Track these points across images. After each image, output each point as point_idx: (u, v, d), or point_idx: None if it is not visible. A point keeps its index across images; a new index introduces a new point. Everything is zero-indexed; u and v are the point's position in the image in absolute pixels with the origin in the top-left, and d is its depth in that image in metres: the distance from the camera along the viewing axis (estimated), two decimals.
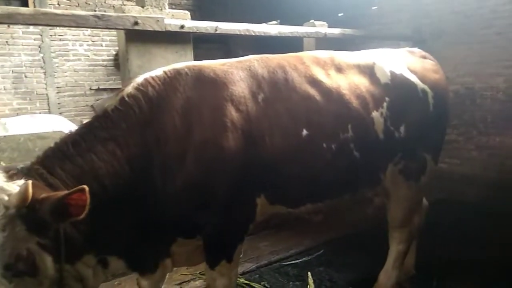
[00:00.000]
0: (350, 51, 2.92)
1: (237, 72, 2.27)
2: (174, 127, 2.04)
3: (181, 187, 2.02)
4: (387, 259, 3.03)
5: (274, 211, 2.37)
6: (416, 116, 2.72)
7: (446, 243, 3.88)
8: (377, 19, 6.33)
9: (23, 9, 2.98)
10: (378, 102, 2.58)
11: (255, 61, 2.37)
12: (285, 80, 2.33)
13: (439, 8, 5.59)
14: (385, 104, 2.59)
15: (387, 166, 2.70)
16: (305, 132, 2.27)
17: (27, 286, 1.64)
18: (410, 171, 2.77)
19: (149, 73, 2.14)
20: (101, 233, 1.85)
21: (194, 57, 3.67)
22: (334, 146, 2.35)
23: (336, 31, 4.80)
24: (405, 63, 2.84)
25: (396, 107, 2.63)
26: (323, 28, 4.73)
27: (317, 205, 2.51)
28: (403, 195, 2.82)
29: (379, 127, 2.56)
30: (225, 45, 8.61)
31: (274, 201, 2.30)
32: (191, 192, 2.05)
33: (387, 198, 2.89)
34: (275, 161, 2.20)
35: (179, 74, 2.16)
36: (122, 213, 1.94)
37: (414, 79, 2.77)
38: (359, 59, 2.71)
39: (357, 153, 2.45)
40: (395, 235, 2.98)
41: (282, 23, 6.45)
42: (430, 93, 2.81)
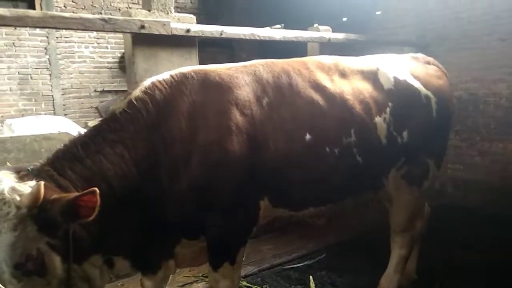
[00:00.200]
0: (354, 55, 2.94)
1: (242, 76, 2.30)
2: (180, 129, 2.07)
3: (186, 188, 2.05)
4: (389, 263, 3.04)
5: (277, 214, 2.40)
6: (419, 121, 2.74)
7: (448, 248, 3.89)
8: (381, 24, 6.36)
9: (32, 12, 3.03)
10: (381, 108, 2.60)
11: (260, 65, 2.41)
12: (290, 84, 2.36)
13: (443, 14, 5.61)
14: (388, 110, 2.62)
15: (389, 171, 2.73)
16: (308, 136, 2.30)
17: (35, 285, 1.67)
18: (413, 176, 2.79)
19: (156, 77, 2.18)
20: (108, 233, 1.88)
21: (200, 60, 3.71)
22: (337, 151, 2.38)
23: (340, 36, 4.83)
24: (408, 69, 2.86)
25: (399, 113, 2.65)
26: (327, 33, 4.76)
27: (320, 208, 2.54)
28: (405, 200, 2.84)
29: (382, 132, 2.59)
30: (229, 48, 8.67)
31: (277, 204, 2.33)
32: (195, 194, 2.08)
33: (390, 203, 2.92)
34: (278, 164, 2.22)
35: (185, 78, 2.20)
36: (128, 214, 1.97)
37: (417, 85, 2.79)
38: (362, 64, 2.74)
39: (360, 158, 2.47)
40: (397, 239, 2.99)
41: (286, 27, 6.51)
42: (433, 99, 2.83)
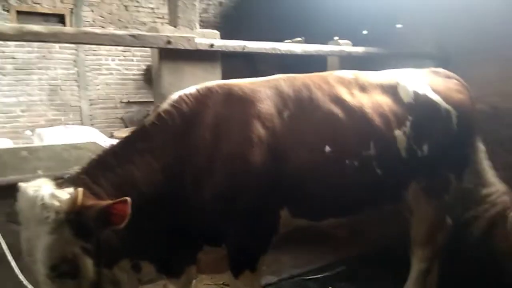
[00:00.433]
0: (375, 69, 2.99)
1: (264, 90, 2.39)
2: (204, 140, 2.17)
3: (208, 197, 2.14)
4: (409, 277, 3.03)
5: (297, 224, 2.45)
6: (439, 135, 2.75)
7: (471, 263, 3.82)
8: (402, 37, 6.35)
9: (66, 29, 3.24)
10: (401, 121, 2.64)
11: (282, 80, 2.49)
12: (310, 98, 2.44)
13: (464, 27, 5.58)
14: (408, 123, 2.65)
15: (409, 183, 2.75)
16: (328, 148, 2.36)
17: (67, 287, 1.77)
18: (433, 190, 2.80)
19: (183, 91, 2.30)
20: (137, 239, 1.98)
21: (222, 71, 3.82)
22: (356, 163, 2.43)
23: (360, 49, 4.87)
24: (428, 83, 2.89)
25: (419, 126, 2.68)
26: (347, 47, 4.82)
27: (340, 219, 2.58)
28: (426, 213, 2.84)
29: (402, 145, 2.62)
30: (251, 60, 8.84)
31: (297, 214, 2.38)
32: (217, 202, 2.16)
33: (410, 216, 2.93)
34: (298, 175, 2.29)
35: (210, 92, 2.31)
36: (156, 220, 2.07)
37: (437, 98, 2.81)
38: (382, 79, 2.79)
39: (379, 170, 2.51)
40: (417, 253, 2.99)
41: (307, 39, 6.58)
42: (454, 113, 2.84)
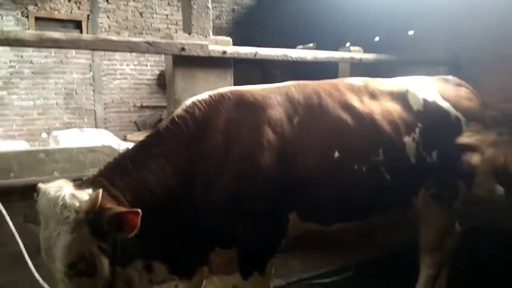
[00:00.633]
0: (386, 75, 3.02)
1: (275, 96, 2.45)
2: (215, 144, 2.24)
3: (219, 199, 2.20)
4: (417, 283, 3.04)
5: (306, 228, 2.49)
6: (448, 142, 2.76)
7: (482, 269, 3.81)
8: (413, 44, 6.37)
9: (85, 36, 3.35)
10: (410, 128, 2.67)
11: (292, 87, 2.55)
12: (320, 105, 2.49)
13: (476, 34, 5.57)
14: (417, 130, 2.68)
15: (419, 190, 2.76)
16: (337, 154, 2.40)
17: (83, 285, 1.84)
18: (443, 196, 2.81)
19: (196, 97, 2.38)
20: (151, 240, 2.04)
21: (234, 76, 3.89)
22: (365, 168, 2.46)
23: (371, 56, 4.91)
24: (438, 90, 2.92)
25: (428, 133, 2.70)
26: (358, 54, 4.86)
27: (348, 224, 2.61)
28: (435, 219, 2.85)
29: (411, 151, 2.65)
30: (263, 66, 8.93)
31: (305, 217, 2.42)
32: (227, 205, 2.22)
33: (419, 222, 2.94)
34: (307, 180, 2.33)
35: (222, 97, 2.37)
36: (169, 221, 2.14)
37: (447, 106, 2.84)
38: (392, 86, 2.83)
39: (388, 176, 2.54)
40: (425, 259, 3.00)
41: (319, 45, 6.63)
42: (463, 120, 2.86)
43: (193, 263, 2.33)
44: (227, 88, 2.50)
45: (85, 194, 1.83)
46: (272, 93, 2.46)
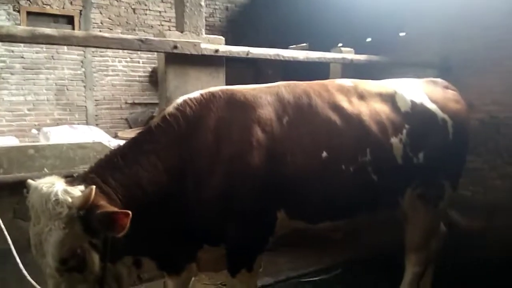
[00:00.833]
0: (377, 76, 3.06)
1: (265, 96, 2.48)
2: (206, 142, 2.26)
3: (208, 197, 2.22)
4: (403, 280, 3.10)
5: (294, 226, 2.53)
6: (435, 143, 2.83)
7: (466, 270, 3.88)
8: (405, 46, 6.44)
9: (77, 33, 3.35)
10: (398, 129, 2.72)
11: (283, 87, 2.58)
12: (309, 105, 2.53)
13: (466, 38, 5.66)
14: (404, 131, 2.73)
15: (405, 190, 2.82)
16: (325, 153, 2.44)
17: (73, 281, 1.86)
18: (429, 196, 2.87)
19: (188, 95, 2.40)
20: (141, 236, 2.04)
21: (226, 75, 3.92)
22: (352, 168, 2.51)
23: (362, 57, 4.96)
24: (426, 92, 2.97)
25: (415, 135, 2.75)
26: (349, 54, 4.91)
27: (336, 223, 2.65)
28: (420, 219, 2.91)
29: (398, 152, 2.69)
30: (256, 65, 8.95)
31: (293, 216, 2.46)
32: (216, 202, 2.24)
33: (405, 221, 3.00)
34: (295, 178, 2.37)
35: (213, 96, 2.40)
36: (159, 219, 2.16)
37: (434, 108, 2.89)
38: (381, 87, 2.87)
39: (375, 176, 2.58)
40: (411, 257, 3.05)
41: (312, 45, 6.67)
42: (450, 122, 2.92)
43: (181, 259, 2.36)
44: (218, 88, 2.53)
45: (77, 190, 1.84)
46: (263, 93, 2.49)
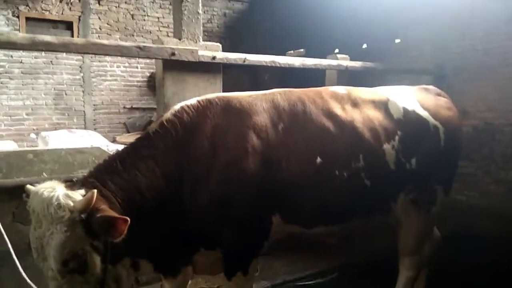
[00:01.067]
0: (372, 83, 3.12)
1: (261, 103, 2.54)
2: (202, 148, 2.32)
3: (205, 202, 2.27)
4: (396, 284, 3.15)
5: (289, 230, 2.58)
6: (427, 149, 2.88)
7: (461, 275, 3.93)
8: (399, 53, 6.54)
9: (76, 40, 3.41)
10: (390, 135, 2.77)
11: (278, 94, 2.64)
12: (304, 112, 2.58)
13: (460, 45, 5.76)
14: (397, 138, 2.78)
15: (398, 195, 2.86)
16: (319, 159, 2.50)
17: (75, 283, 1.89)
18: (421, 202, 2.92)
19: (185, 102, 2.46)
20: (140, 239, 2.08)
21: (224, 80, 3.98)
22: (346, 174, 2.56)
23: (357, 64, 5.04)
24: (418, 99, 3.03)
25: (407, 141, 2.81)
26: (345, 61, 4.99)
27: (330, 227, 2.70)
28: (413, 224, 2.95)
29: (391, 158, 2.75)
30: (252, 70, 9.00)
31: (288, 221, 2.51)
32: (212, 207, 2.29)
33: (398, 226, 3.05)
34: (290, 184, 2.42)
35: (210, 103, 2.45)
36: (157, 222, 2.21)
37: (426, 115, 2.95)
38: (374, 95, 2.93)
39: (368, 182, 2.64)
40: (405, 261, 3.10)
41: (309, 51, 6.74)
42: (442, 129, 2.97)
43: (178, 262, 2.41)
44: (215, 94, 2.59)
45: (78, 195, 1.89)
46: (258, 100, 2.55)
